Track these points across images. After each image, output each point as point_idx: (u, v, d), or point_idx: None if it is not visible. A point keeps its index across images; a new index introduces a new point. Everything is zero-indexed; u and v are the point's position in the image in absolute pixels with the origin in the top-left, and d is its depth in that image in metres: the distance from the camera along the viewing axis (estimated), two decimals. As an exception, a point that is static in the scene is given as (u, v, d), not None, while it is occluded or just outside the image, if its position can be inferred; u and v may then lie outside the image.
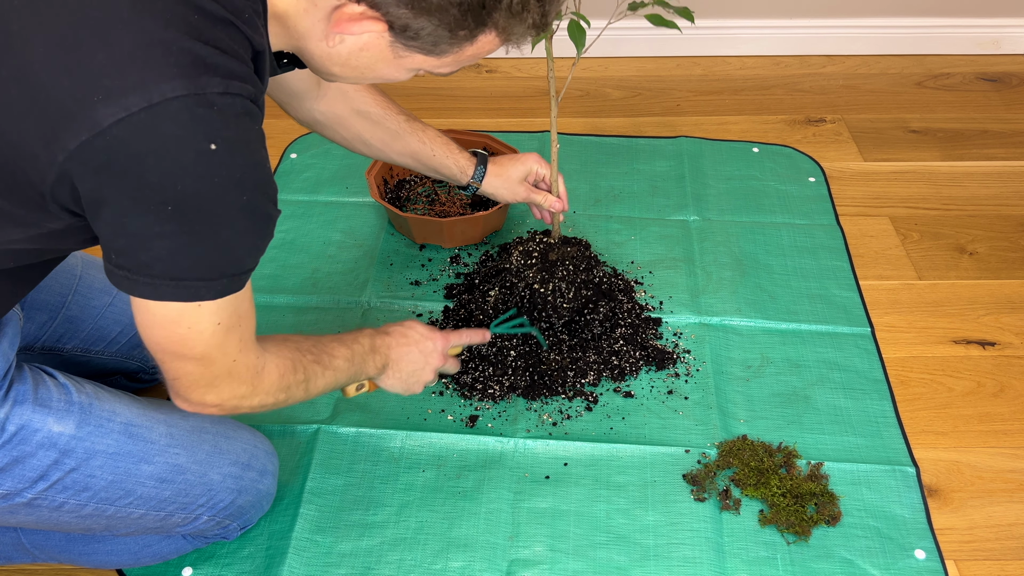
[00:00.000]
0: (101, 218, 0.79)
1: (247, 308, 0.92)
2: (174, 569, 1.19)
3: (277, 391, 1.01)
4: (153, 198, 0.76)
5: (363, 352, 1.17)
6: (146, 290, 0.82)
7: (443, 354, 1.27)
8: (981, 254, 1.72)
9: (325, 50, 0.88)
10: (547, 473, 1.31)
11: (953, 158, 1.97)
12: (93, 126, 0.73)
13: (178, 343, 0.88)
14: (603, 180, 1.88)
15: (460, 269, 1.65)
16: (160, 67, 0.74)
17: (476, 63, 2.30)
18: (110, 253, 0.82)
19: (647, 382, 1.44)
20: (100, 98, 0.73)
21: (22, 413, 0.95)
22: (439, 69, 0.92)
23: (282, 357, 1.02)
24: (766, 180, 1.88)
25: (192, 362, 0.90)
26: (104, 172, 0.75)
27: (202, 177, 0.77)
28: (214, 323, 0.87)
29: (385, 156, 1.42)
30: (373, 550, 1.22)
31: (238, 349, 0.92)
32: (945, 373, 1.49)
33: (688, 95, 2.18)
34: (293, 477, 1.30)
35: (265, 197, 0.84)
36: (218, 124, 0.76)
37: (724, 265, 1.66)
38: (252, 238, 0.85)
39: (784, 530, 1.24)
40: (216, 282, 0.84)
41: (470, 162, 1.45)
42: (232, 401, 0.97)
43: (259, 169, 0.83)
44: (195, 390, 0.94)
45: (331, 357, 1.11)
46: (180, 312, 0.85)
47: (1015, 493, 1.31)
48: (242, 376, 0.95)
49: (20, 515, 0.99)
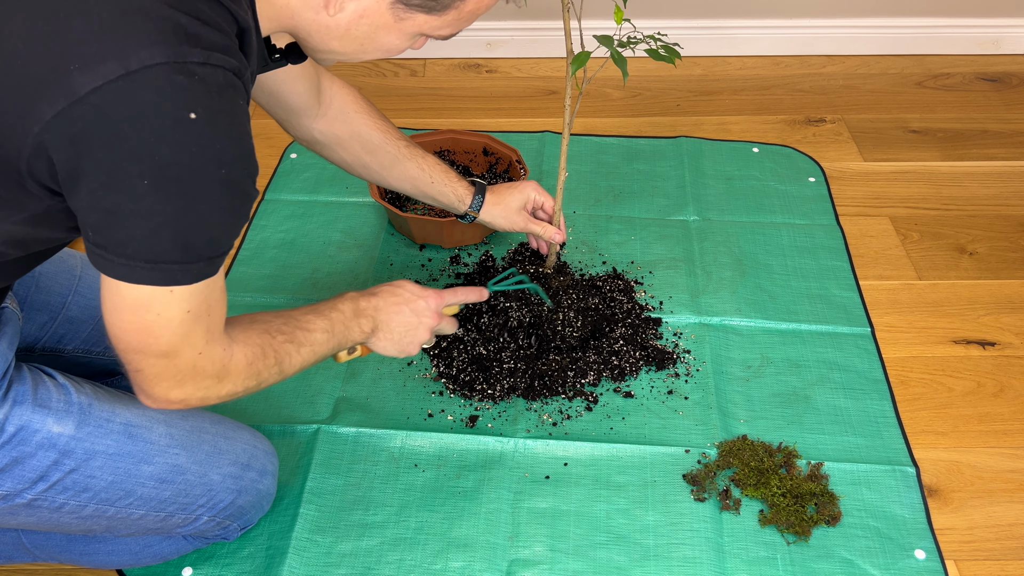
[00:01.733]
0: (78, 193, 0.77)
1: (218, 297, 0.88)
2: (174, 569, 1.19)
3: (246, 379, 0.97)
4: (129, 170, 0.74)
5: (345, 319, 1.12)
6: (122, 271, 0.80)
7: (437, 312, 1.23)
8: (981, 254, 1.72)
9: (324, 21, 0.87)
10: (547, 473, 1.31)
11: (953, 158, 1.97)
12: (70, 94, 0.72)
13: (144, 331, 0.84)
14: (603, 180, 1.88)
15: (460, 269, 1.65)
16: (139, 34, 0.72)
17: (476, 63, 2.30)
18: (87, 230, 0.80)
19: (647, 382, 1.44)
20: (77, 66, 0.72)
21: (21, 414, 0.95)
22: (440, 31, 0.91)
23: (249, 344, 0.97)
24: (766, 180, 1.88)
25: (156, 356, 0.87)
26: (80, 142, 0.73)
27: (180, 146, 0.74)
28: (184, 311, 0.84)
29: (383, 180, 1.41)
30: (373, 550, 1.22)
31: (204, 340, 0.89)
32: (945, 373, 1.49)
33: (688, 95, 2.18)
34: (293, 477, 1.30)
35: (245, 173, 0.82)
36: (199, 93, 0.75)
37: (724, 265, 1.66)
38: (229, 216, 0.82)
39: (784, 530, 1.24)
40: (192, 265, 0.82)
41: (468, 190, 1.44)
42: (198, 394, 0.93)
43: (240, 143, 0.80)
44: (158, 385, 0.90)
45: (306, 332, 1.06)
46: (151, 296, 0.82)
47: (1015, 493, 1.31)
48: (207, 369, 0.92)
49: (20, 516, 0.99)
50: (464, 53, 2.32)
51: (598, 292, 1.55)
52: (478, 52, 2.33)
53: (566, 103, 1.30)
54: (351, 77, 2.25)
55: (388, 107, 2.14)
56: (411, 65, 2.31)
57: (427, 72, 2.29)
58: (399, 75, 2.27)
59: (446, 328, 1.27)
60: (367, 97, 1.37)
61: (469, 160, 1.84)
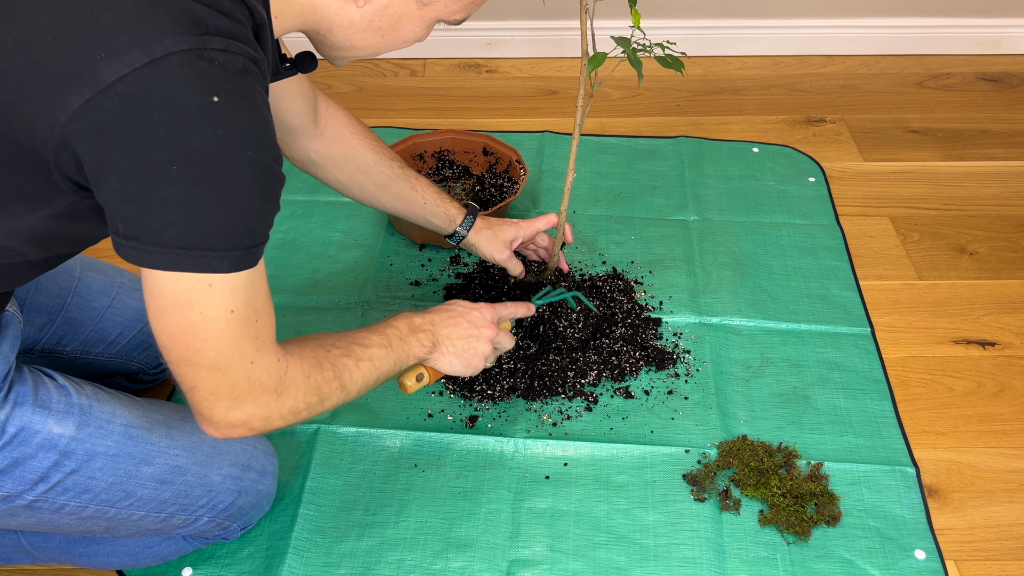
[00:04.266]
0: (107, 185, 0.77)
1: (264, 302, 0.87)
2: (174, 569, 1.19)
3: (307, 393, 0.95)
4: (158, 156, 0.75)
5: (401, 335, 1.11)
6: (157, 259, 0.79)
7: (493, 322, 1.22)
8: (981, 254, 1.72)
9: (349, 14, 0.89)
10: (547, 473, 1.31)
11: (953, 158, 1.97)
12: (97, 83, 0.73)
13: (190, 334, 0.83)
14: (603, 180, 1.88)
15: (460, 269, 1.65)
16: (162, 24, 0.74)
17: (476, 63, 2.30)
18: (117, 223, 0.79)
19: (647, 382, 1.44)
20: (104, 56, 0.73)
21: (22, 415, 0.95)
22: (456, 15, 0.95)
23: (304, 357, 0.95)
24: (766, 180, 1.88)
25: (207, 368, 0.85)
26: (109, 132, 0.74)
27: (206, 129, 0.76)
28: (227, 310, 0.83)
29: (377, 201, 1.41)
30: (373, 550, 1.22)
31: (255, 348, 0.87)
32: (945, 373, 1.49)
33: (688, 95, 2.18)
34: (293, 477, 1.30)
35: (270, 156, 0.82)
36: (220, 77, 0.76)
37: (724, 265, 1.66)
38: (261, 201, 0.82)
39: (784, 530, 1.24)
40: (228, 253, 0.81)
41: (460, 212, 1.44)
42: (260, 412, 0.91)
43: (264, 126, 0.81)
44: (216, 404, 0.88)
45: (363, 347, 1.04)
46: (191, 292, 0.81)
47: (1015, 493, 1.31)
48: (264, 382, 0.89)
49: (20, 517, 0.99)
50: (464, 53, 2.32)
51: (598, 292, 1.55)
52: (478, 52, 2.33)
53: (578, 103, 1.30)
54: (352, 77, 2.25)
55: (388, 107, 2.15)
56: (411, 65, 2.31)
57: (427, 72, 2.28)
58: (399, 75, 2.27)
59: (505, 342, 1.24)
60: (360, 119, 1.39)
61: (469, 160, 1.84)
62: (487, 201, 1.73)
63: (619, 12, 1.69)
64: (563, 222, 1.45)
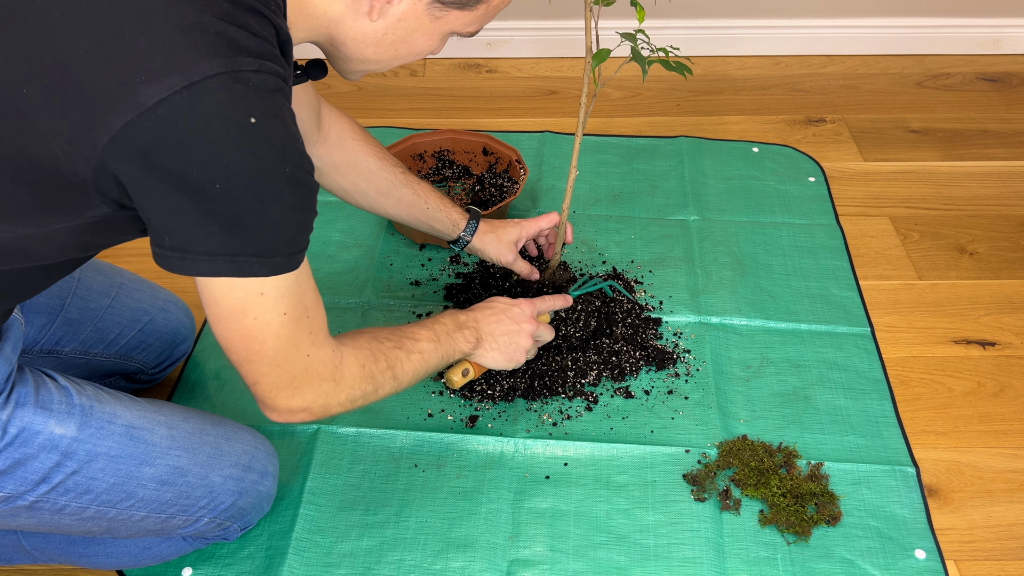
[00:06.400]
0: (150, 202, 0.80)
1: (312, 299, 0.93)
2: (174, 569, 1.19)
3: (362, 382, 1.02)
4: (200, 176, 0.77)
5: (447, 330, 1.18)
6: (203, 266, 0.82)
7: (533, 317, 1.29)
8: (981, 254, 1.72)
9: (363, 28, 0.91)
10: (547, 473, 1.31)
11: (953, 158, 1.97)
12: (137, 106, 0.74)
13: (249, 338, 0.88)
14: (603, 180, 1.88)
15: (460, 269, 1.65)
16: (198, 48, 0.76)
17: (476, 63, 2.30)
18: (163, 236, 0.82)
19: (647, 382, 1.44)
20: (143, 79, 0.74)
21: (23, 415, 0.95)
22: (469, 27, 0.95)
23: (358, 348, 1.02)
24: (766, 180, 1.88)
25: (267, 364, 0.91)
26: (150, 154, 0.76)
27: (246, 151, 0.78)
28: (280, 313, 0.88)
29: (380, 207, 1.42)
30: (373, 550, 1.22)
31: (310, 343, 0.93)
32: (945, 373, 1.49)
33: (688, 95, 2.18)
34: (293, 477, 1.30)
35: (304, 170, 0.85)
36: (255, 99, 0.78)
37: (724, 265, 1.66)
38: (300, 213, 0.86)
39: (784, 530, 1.24)
40: (271, 259, 0.85)
41: (463, 216, 1.45)
42: (319, 400, 0.98)
43: (296, 141, 0.84)
44: (279, 394, 0.94)
45: (414, 341, 1.11)
46: (245, 302, 0.86)
47: (1015, 493, 1.31)
48: (321, 372, 0.96)
49: (21, 518, 0.99)
50: (464, 53, 2.32)
51: (598, 292, 1.55)
52: (478, 52, 2.33)
53: (582, 101, 1.30)
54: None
55: (388, 107, 2.15)
56: (411, 65, 2.31)
57: (427, 72, 2.29)
58: (399, 75, 2.27)
59: (544, 335, 1.32)
60: (362, 125, 1.39)
61: (469, 160, 1.84)
62: (487, 201, 1.72)
63: (621, 12, 1.69)
64: (565, 220, 1.45)
